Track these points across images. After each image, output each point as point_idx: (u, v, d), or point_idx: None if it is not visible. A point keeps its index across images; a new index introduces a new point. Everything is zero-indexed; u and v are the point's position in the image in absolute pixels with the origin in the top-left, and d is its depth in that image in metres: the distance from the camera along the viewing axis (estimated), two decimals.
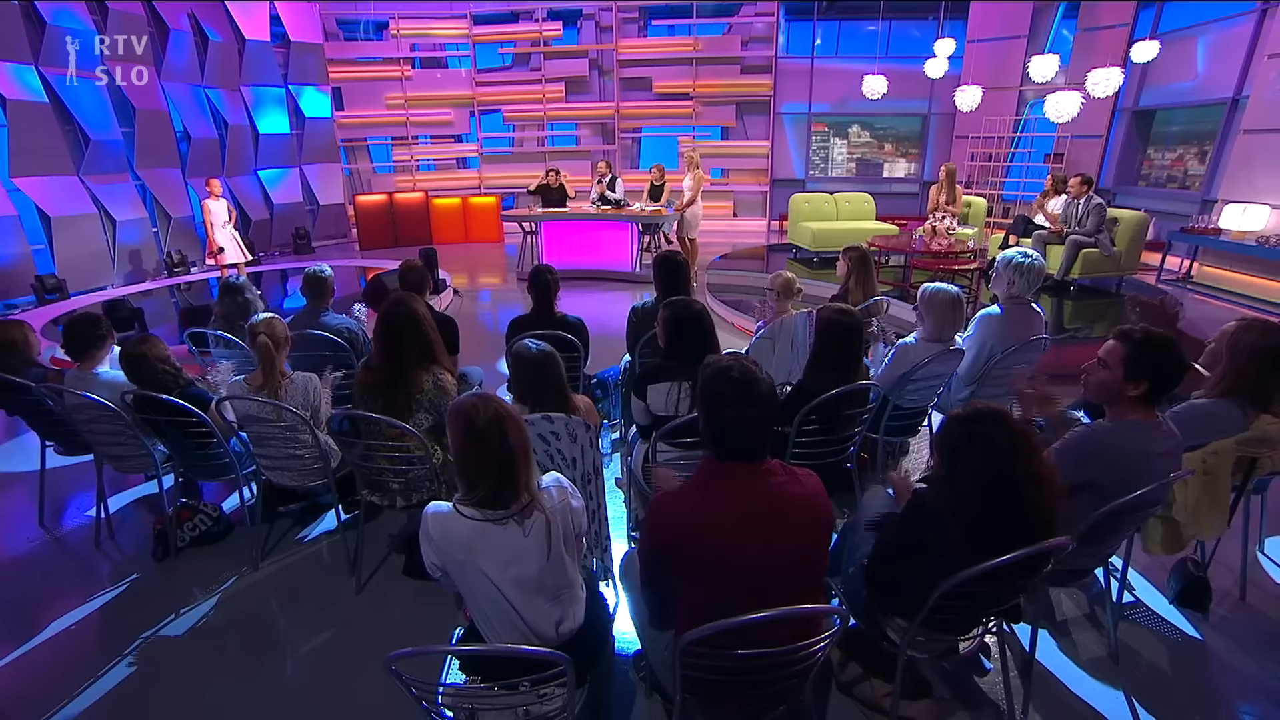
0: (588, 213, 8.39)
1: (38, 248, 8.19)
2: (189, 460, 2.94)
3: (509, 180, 12.74)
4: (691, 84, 12.07)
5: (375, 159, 13.67)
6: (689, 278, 3.53)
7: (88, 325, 2.89)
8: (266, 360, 2.67)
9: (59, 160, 8.22)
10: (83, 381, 2.84)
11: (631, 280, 8.26)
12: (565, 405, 2.35)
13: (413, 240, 11.53)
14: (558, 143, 12.94)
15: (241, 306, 3.66)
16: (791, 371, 3.62)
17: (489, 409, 1.57)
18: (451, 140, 13.29)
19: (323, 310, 3.56)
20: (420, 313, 2.58)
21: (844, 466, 2.90)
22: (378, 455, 2.58)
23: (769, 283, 3.77)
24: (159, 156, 9.61)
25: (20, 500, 3.62)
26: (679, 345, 2.59)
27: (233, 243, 7.65)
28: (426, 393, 2.55)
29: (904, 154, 11.77)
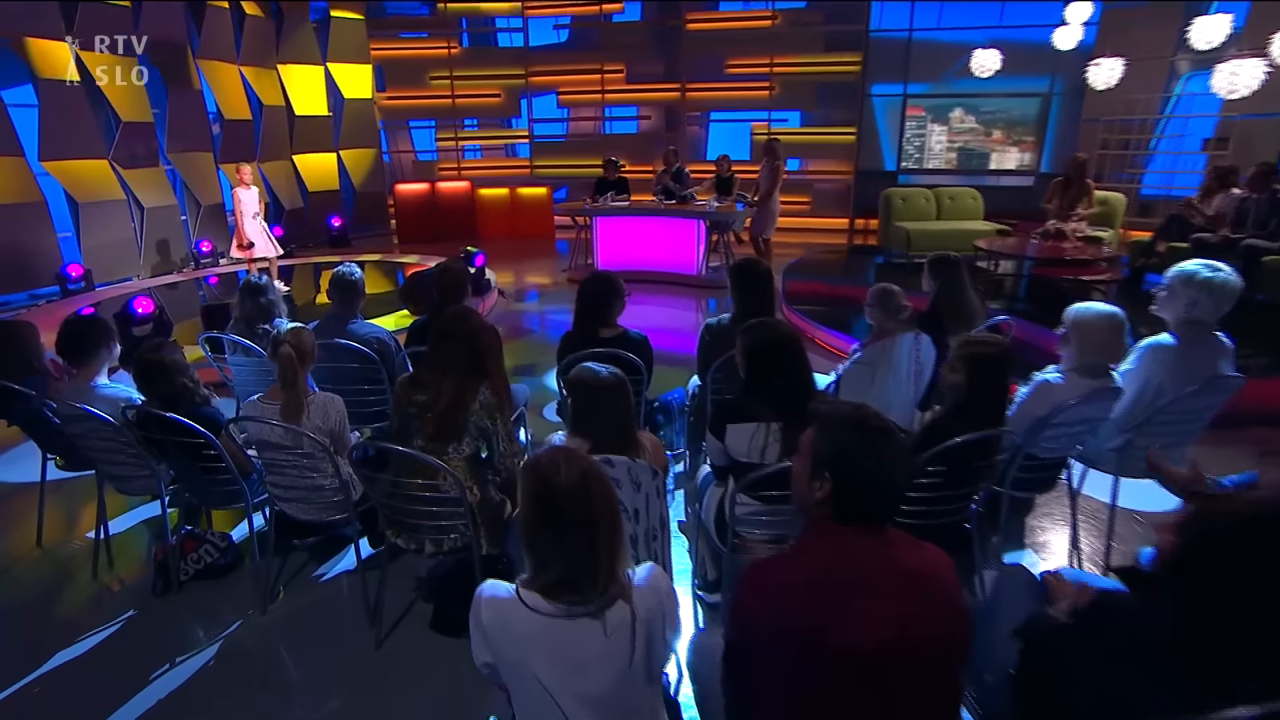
0: (650, 207, 8.25)
1: (65, 236, 8.58)
2: (194, 485, 2.88)
3: (562, 170, 12.77)
4: (768, 62, 11.78)
5: (417, 144, 13.92)
6: (773, 290, 3.28)
7: (85, 327, 2.86)
8: (289, 375, 2.57)
9: (90, 143, 8.62)
10: (79, 393, 2.80)
11: (696, 285, 8.08)
12: (630, 444, 2.19)
13: (456, 234, 11.64)
14: (617, 129, 12.94)
15: (263, 309, 3.63)
16: (890, 405, 3.32)
17: (573, 469, 1.38)
18: (500, 124, 13.42)
19: (351, 317, 3.48)
20: (482, 325, 2.46)
21: (961, 527, 2.59)
22: (405, 493, 2.43)
23: (868, 296, 3.47)
24: (191, 139, 10.00)
25: (20, 514, 3.67)
26: (764, 380, 2.34)
27: (263, 236, 7.82)
28: (474, 414, 2.40)
29: (1016, 141, 11.11)
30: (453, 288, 3.36)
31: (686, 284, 8.09)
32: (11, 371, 2.98)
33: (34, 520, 3.42)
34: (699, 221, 7.92)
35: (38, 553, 3.34)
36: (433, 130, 13.43)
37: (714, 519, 2.63)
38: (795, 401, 2.31)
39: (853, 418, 1.45)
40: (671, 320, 7.02)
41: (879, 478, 1.40)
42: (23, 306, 8.13)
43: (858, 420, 1.44)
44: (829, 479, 1.42)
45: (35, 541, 3.38)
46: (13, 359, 2.99)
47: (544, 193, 11.93)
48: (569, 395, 2.25)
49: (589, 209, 8.40)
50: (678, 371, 4.74)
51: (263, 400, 2.65)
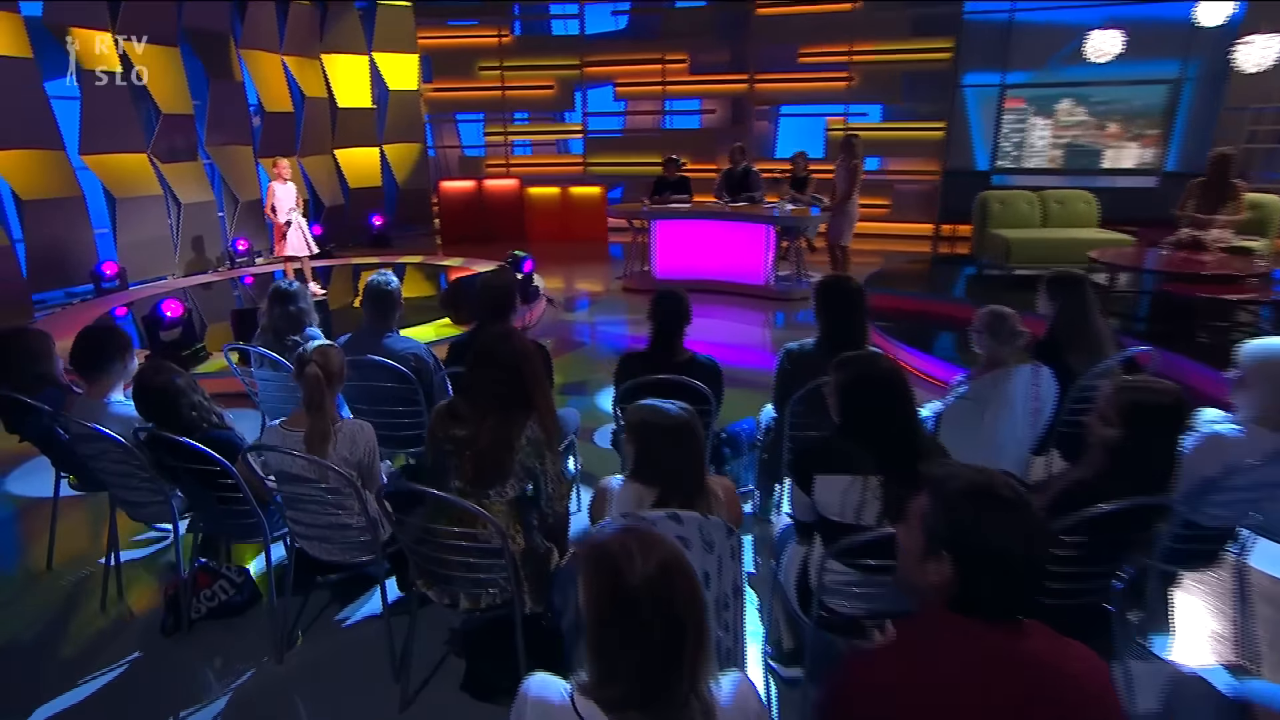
0: (713, 210, 8.08)
1: (101, 232, 8.90)
2: (208, 516, 2.81)
3: (617, 167, 12.73)
4: (847, 50, 11.48)
5: (464, 139, 14.09)
6: (865, 313, 3.03)
7: (100, 339, 2.83)
8: (314, 399, 2.47)
9: (130, 137, 8.95)
10: (90, 410, 2.77)
11: (763, 296, 7.86)
12: (701, 491, 2.07)
13: (502, 235, 11.71)
14: (678, 124, 12.82)
15: (293, 319, 3.58)
16: (1002, 449, 3.04)
17: (651, 560, 1.20)
18: (551, 118, 13.48)
19: (386, 331, 3.39)
20: (529, 349, 2.33)
21: (1098, 607, 2.29)
22: (438, 541, 2.28)
23: (976, 320, 3.18)
24: (230, 132, 10.29)
25: (34, 532, 3.71)
26: (863, 425, 2.11)
27: (298, 232, 7.93)
28: (519, 453, 2.24)
29: (1136, 136, 10.44)
30: (498, 303, 3.23)
31: (753, 295, 7.91)
32: (25, 384, 2.98)
33: (47, 539, 3.43)
34: (768, 226, 7.70)
35: (48, 577, 3.34)
36: (480, 124, 13.59)
37: (795, 582, 2.41)
38: (900, 452, 2.08)
39: (979, 486, 1.30)
40: (735, 336, 6.81)
41: (1014, 564, 1.26)
42: (58, 305, 8.46)
43: (985, 489, 1.29)
44: (948, 560, 1.28)
45: (46, 564, 3.39)
46: (26, 371, 2.99)
47: (597, 192, 11.91)
48: (632, 437, 2.10)
49: (647, 211, 8.28)
50: (743, 395, 4.52)
51: (285, 426, 2.55)
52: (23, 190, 7.95)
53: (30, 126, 7.96)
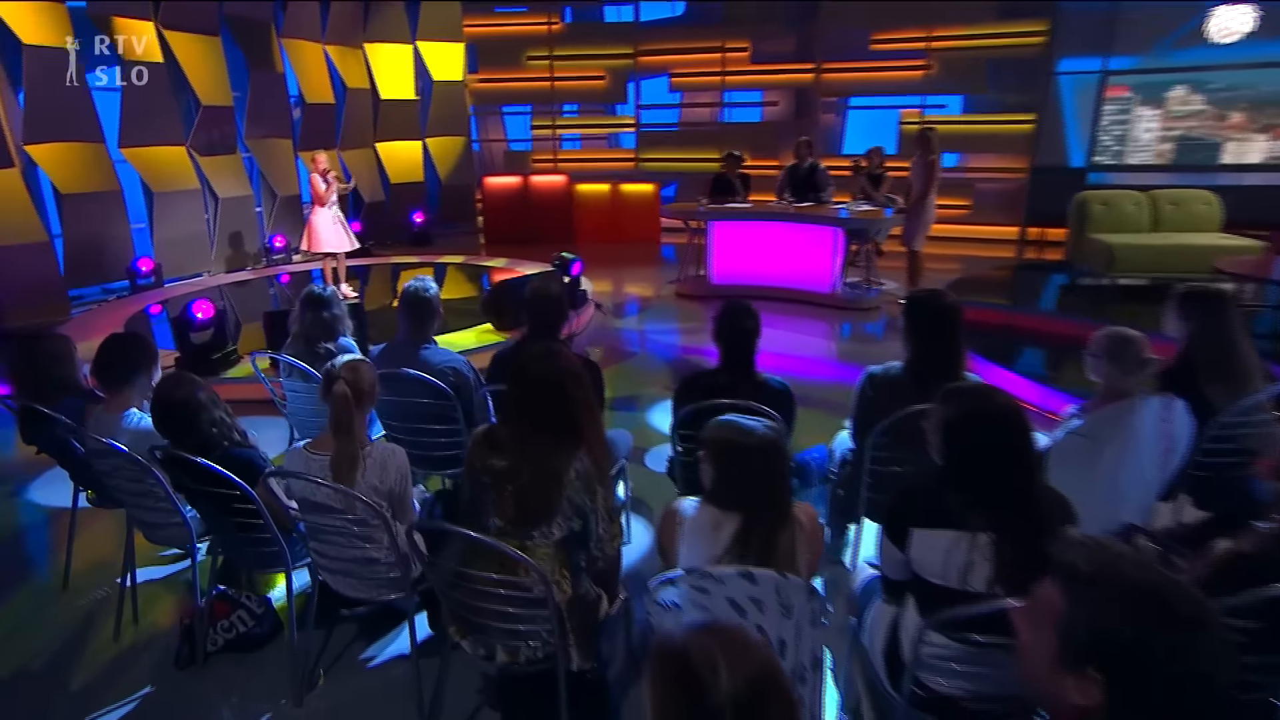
0: (776, 210, 7.89)
1: (138, 227, 9.12)
2: (226, 542, 2.73)
3: (672, 163, 12.61)
4: (924, 36, 11.12)
5: (510, 132, 14.15)
6: (961, 335, 2.79)
7: (123, 349, 2.79)
8: (342, 420, 2.36)
9: (170, 129, 9.17)
10: (106, 424, 2.73)
11: (830, 305, 7.64)
12: (785, 519, 1.96)
13: (549, 235, 11.66)
14: (737, 117, 12.65)
15: (325, 325, 3.53)
16: (1124, 493, 2.76)
17: (740, 672, 1.02)
18: (602, 111, 13.44)
19: (423, 342, 3.29)
20: (578, 369, 2.19)
21: (1268, 705, 2.01)
22: (473, 587, 2.12)
23: (1093, 344, 2.90)
24: (270, 124, 10.47)
25: (53, 544, 3.73)
26: (973, 472, 1.89)
27: (336, 227, 7.95)
28: (566, 488, 2.10)
29: (1266, 127, 9.74)
30: (547, 315, 3.10)
31: (818, 304, 7.70)
32: (44, 391, 2.96)
33: (65, 554, 3.42)
34: (836, 229, 7.45)
35: (63, 597, 3.33)
36: (528, 117, 13.60)
37: (882, 649, 2.18)
38: (1017, 507, 1.85)
39: (1145, 595, 1.06)
40: (798, 347, 6.59)
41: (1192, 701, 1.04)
42: (95, 301, 8.71)
43: (1155, 601, 1.05)
44: (1098, 681, 1.07)
45: (63, 580, 3.39)
46: (45, 378, 2.98)
47: (650, 190, 11.81)
48: (711, 457, 2.00)
49: (704, 211, 8.12)
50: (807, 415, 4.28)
51: (309, 450, 2.44)
52: (62, 184, 8.18)
53: (71, 118, 8.18)
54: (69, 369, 3.01)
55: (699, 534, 2.00)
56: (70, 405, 2.92)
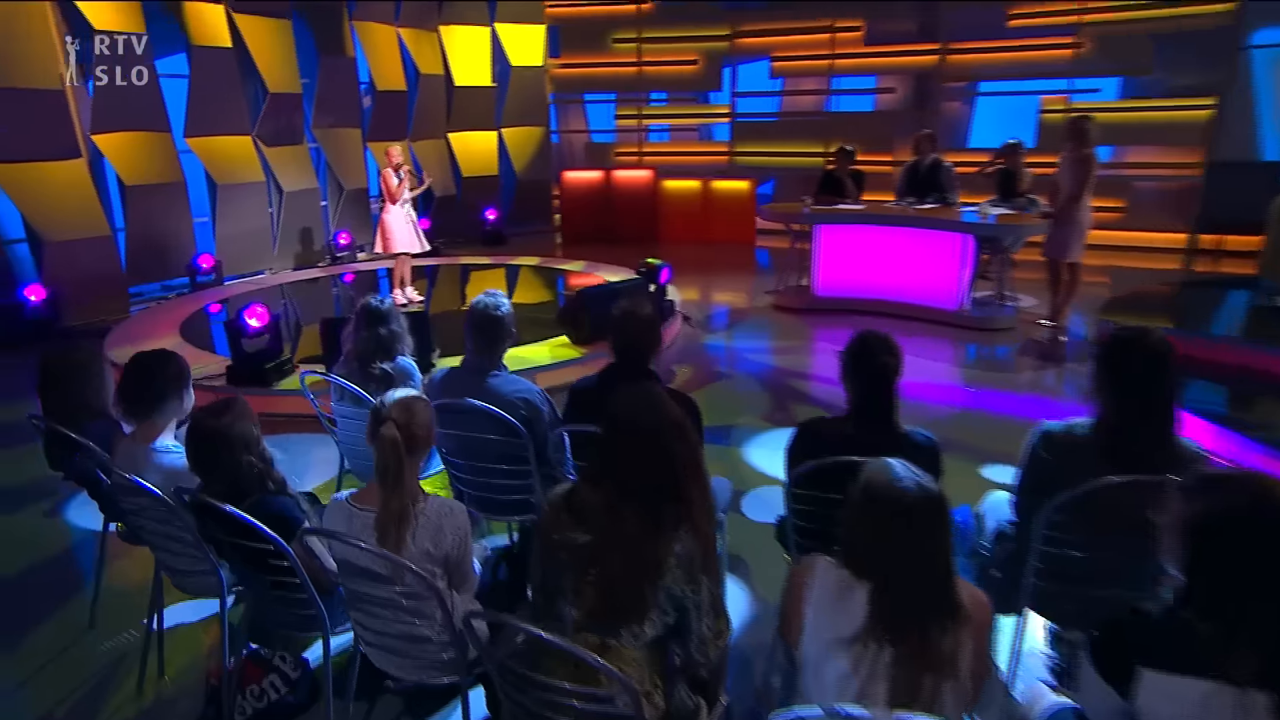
0: (895, 213, 7.52)
1: (200, 221, 9.38)
2: (259, 599, 2.56)
3: (770, 158, 12.32)
4: (1075, 9, 10.47)
5: (592, 122, 14.09)
6: (1175, 384, 2.35)
7: (151, 370, 2.66)
8: (391, 469, 2.15)
9: (235, 117, 9.41)
10: (133, 456, 2.62)
11: (954, 324, 7.21)
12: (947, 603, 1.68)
13: (632, 235, 11.54)
14: (846, 105, 12.26)
15: (382, 343, 3.40)
16: None
17: None
18: (694, 99, 13.28)
19: (492, 368, 3.09)
20: (683, 421, 1.93)
21: None
22: (542, 695, 1.83)
23: None
24: (339, 113, 10.66)
25: (82, 575, 3.68)
26: (1241, 596, 1.48)
27: (407, 226, 7.94)
28: (670, 574, 1.84)
29: None
30: (638, 343, 2.83)
31: (941, 322, 7.27)
32: (70, 413, 2.89)
33: (93, 587, 3.38)
34: (966, 236, 7.00)
35: (89, 637, 3.28)
36: (612, 105, 13.54)
37: None
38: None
39: None
40: (917, 372, 6.08)
41: None
42: (154, 298, 8.98)
43: None
44: None
45: (89, 619, 3.34)
46: (71, 397, 2.91)
47: (745, 187, 11.62)
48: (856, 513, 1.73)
49: (809, 213, 7.80)
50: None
51: (353, 503, 2.23)
52: (127, 175, 8.46)
53: (139, 107, 8.46)
54: (97, 389, 2.91)
55: (828, 605, 1.75)
56: (98, 430, 2.84)
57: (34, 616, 3.41)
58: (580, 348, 6.21)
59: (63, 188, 7.90)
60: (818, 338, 7.29)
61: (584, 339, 6.21)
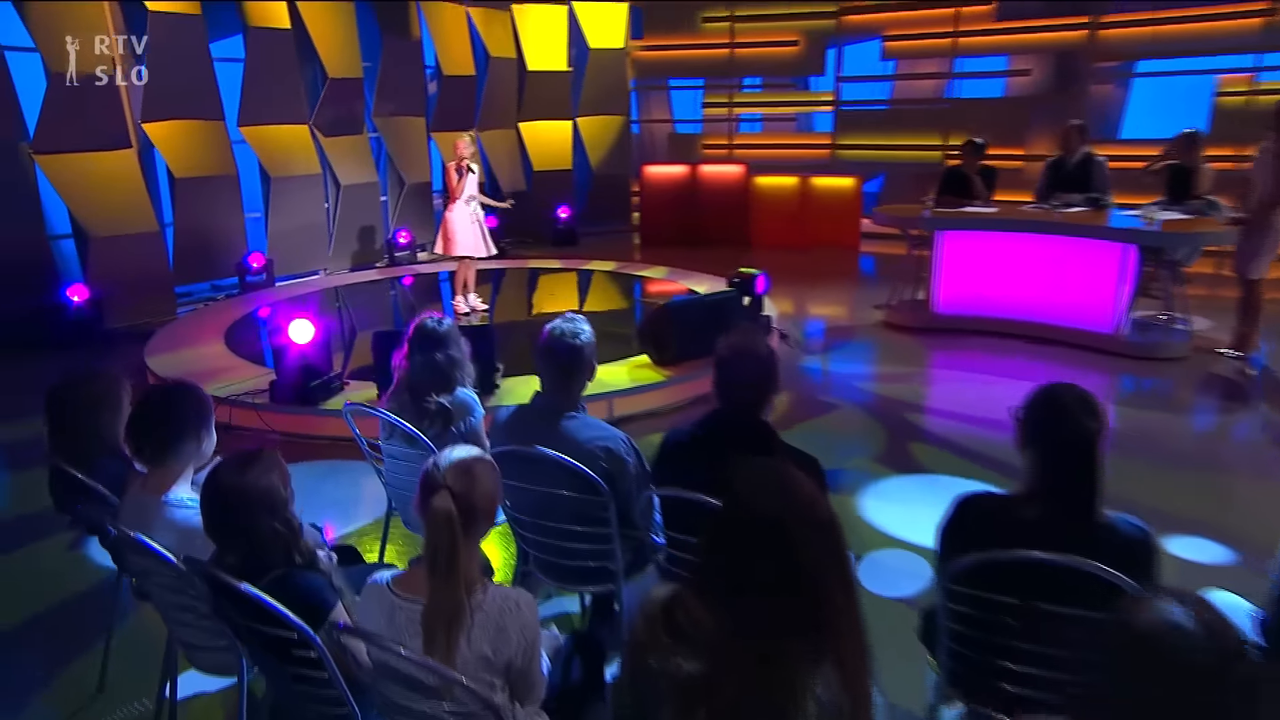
0: (1036, 217, 7.08)
1: (253, 216, 9.47)
2: (281, 689, 2.37)
3: (880, 151, 12.02)
4: None
5: (677, 111, 14.00)
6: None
7: (165, 407, 2.49)
8: (442, 550, 1.90)
9: (292, 105, 9.50)
10: (143, 511, 2.43)
11: (1109, 351, 6.72)
12: None
13: (720, 238, 11.35)
14: (970, 91, 11.99)
15: (439, 372, 3.18)
16: None
17: None
18: (793, 85, 13.11)
19: (569, 409, 2.84)
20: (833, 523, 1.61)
21: None
22: None
23: None
24: (402, 100, 10.68)
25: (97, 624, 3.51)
26: None
27: (474, 228, 7.82)
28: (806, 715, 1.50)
29: None
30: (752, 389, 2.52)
31: (1092, 348, 6.79)
32: (80, 448, 2.77)
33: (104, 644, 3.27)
34: (1128, 245, 6.53)
35: (97, 703, 3.16)
36: (700, 92, 13.41)
37: None
38: None
39: None
40: None
41: None
42: (202, 299, 9.12)
43: None
44: None
45: (98, 682, 3.22)
46: (83, 435, 2.78)
47: (849, 185, 11.38)
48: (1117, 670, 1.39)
49: (930, 216, 7.43)
50: None
51: (395, 590, 1.96)
52: (177, 167, 8.58)
53: (192, 93, 8.59)
54: (111, 422, 2.75)
55: None
56: (109, 470, 2.69)
57: (40, 676, 3.32)
58: (664, 369, 5.96)
59: (111, 180, 8.04)
60: (939, 363, 6.93)
61: (668, 359, 5.98)
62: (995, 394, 5.96)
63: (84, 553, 4.19)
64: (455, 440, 3.12)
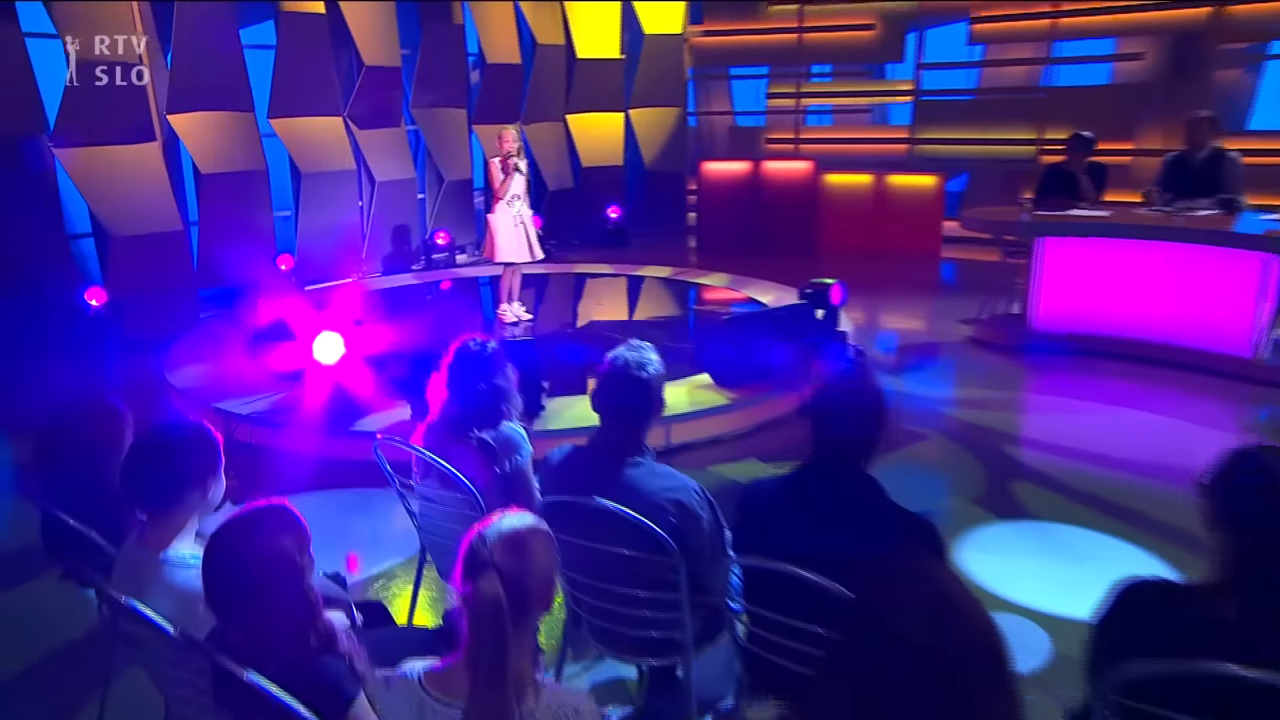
0: (1157, 222, 6.78)
1: (282, 215, 9.49)
2: None
3: (965, 146, 11.80)
4: None
5: (738, 103, 13.97)
6: None
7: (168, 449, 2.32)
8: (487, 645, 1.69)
9: (325, 95, 9.50)
10: (138, 569, 2.29)
11: (1245, 378, 6.43)
12: None
13: (785, 243, 11.20)
14: (1072, 78, 11.73)
15: (484, 403, 2.99)
16: None
17: None
18: (867, 74, 13.03)
19: (633, 452, 2.63)
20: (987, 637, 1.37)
21: None
22: None
23: None
24: (443, 90, 10.65)
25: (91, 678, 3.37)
26: None
27: (519, 230, 7.70)
28: None
29: None
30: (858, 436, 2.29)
31: (1224, 373, 6.50)
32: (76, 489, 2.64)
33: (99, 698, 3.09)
34: (1269, 256, 6.25)
35: None
36: (764, 82, 13.33)
37: None
38: None
39: None
40: (1189, 447, 5.29)
41: None
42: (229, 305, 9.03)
43: None
44: None
45: None
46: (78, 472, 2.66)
47: (930, 184, 11.17)
48: None
49: (1030, 221, 7.17)
50: None
51: (429, 688, 1.77)
52: (204, 162, 8.59)
53: (220, 83, 8.60)
54: (109, 461, 2.61)
55: None
56: (107, 514, 2.57)
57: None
58: (728, 391, 5.78)
59: (133, 175, 8.06)
60: (1038, 386, 6.69)
61: (733, 380, 5.82)
62: (1107, 426, 5.70)
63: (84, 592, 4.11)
64: (498, 483, 2.94)
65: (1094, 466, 5.03)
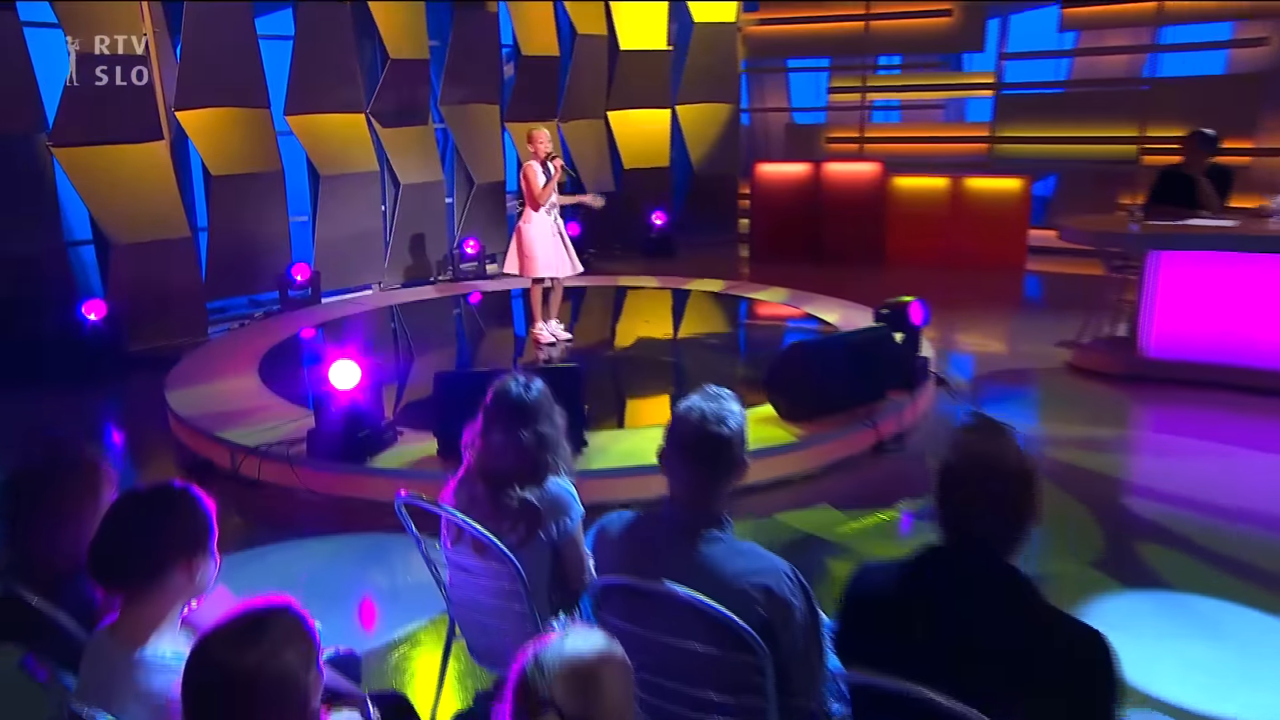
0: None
1: (298, 220, 9.47)
2: None
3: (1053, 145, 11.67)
4: None
5: (796, 98, 13.96)
6: None
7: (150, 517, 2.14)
8: None
9: (346, 90, 9.48)
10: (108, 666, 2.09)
11: None
12: None
13: (849, 253, 11.15)
14: (1180, 68, 11.55)
15: (528, 456, 2.77)
16: None
17: None
18: (940, 65, 12.97)
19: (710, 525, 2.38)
20: None
21: None
22: None
23: None
24: (474, 85, 10.64)
25: None
26: None
27: (555, 241, 7.51)
28: None
29: None
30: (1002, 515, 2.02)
31: None
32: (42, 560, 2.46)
33: None
34: None
35: None
36: (825, 75, 13.32)
37: None
38: None
39: None
40: None
41: None
42: (239, 316, 9.13)
43: None
44: None
45: None
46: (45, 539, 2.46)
47: (1015, 188, 11.03)
48: None
49: (1140, 232, 6.86)
50: None
51: None
52: (214, 163, 8.60)
53: (234, 76, 8.59)
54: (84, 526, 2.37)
55: None
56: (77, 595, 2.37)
57: None
58: (795, 426, 5.50)
59: (138, 178, 8.06)
60: (1155, 423, 6.40)
61: (802, 414, 5.56)
62: (1240, 472, 5.33)
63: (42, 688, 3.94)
64: (544, 549, 2.71)
65: (1227, 521, 4.68)
